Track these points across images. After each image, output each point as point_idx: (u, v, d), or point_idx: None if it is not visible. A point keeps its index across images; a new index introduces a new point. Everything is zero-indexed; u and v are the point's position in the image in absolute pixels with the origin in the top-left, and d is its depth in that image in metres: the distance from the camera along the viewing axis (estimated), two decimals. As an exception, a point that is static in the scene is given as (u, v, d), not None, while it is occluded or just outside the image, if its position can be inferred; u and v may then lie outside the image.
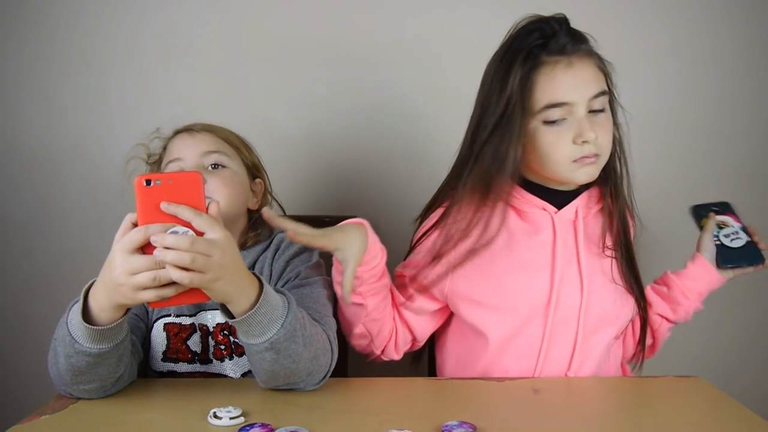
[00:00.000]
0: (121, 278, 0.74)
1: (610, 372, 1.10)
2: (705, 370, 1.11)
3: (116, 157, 1.49)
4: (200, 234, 0.75)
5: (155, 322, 1.05)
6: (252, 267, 1.07)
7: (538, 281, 1.03)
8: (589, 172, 1.00)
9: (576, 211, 1.06)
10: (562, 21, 0.97)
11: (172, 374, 1.04)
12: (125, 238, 0.75)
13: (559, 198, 1.06)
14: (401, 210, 1.54)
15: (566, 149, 0.97)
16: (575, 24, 1.00)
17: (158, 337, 1.04)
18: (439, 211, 1.08)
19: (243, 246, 1.08)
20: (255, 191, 1.13)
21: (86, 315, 0.80)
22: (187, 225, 0.75)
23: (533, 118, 0.97)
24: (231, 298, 0.80)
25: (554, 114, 0.96)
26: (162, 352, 1.04)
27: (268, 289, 0.82)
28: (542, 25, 0.97)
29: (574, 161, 0.98)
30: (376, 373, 1.03)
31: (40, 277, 1.56)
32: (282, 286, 1.02)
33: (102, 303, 0.79)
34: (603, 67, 1.02)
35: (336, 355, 0.94)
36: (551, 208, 1.06)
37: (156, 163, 1.11)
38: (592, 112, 0.98)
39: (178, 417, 0.84)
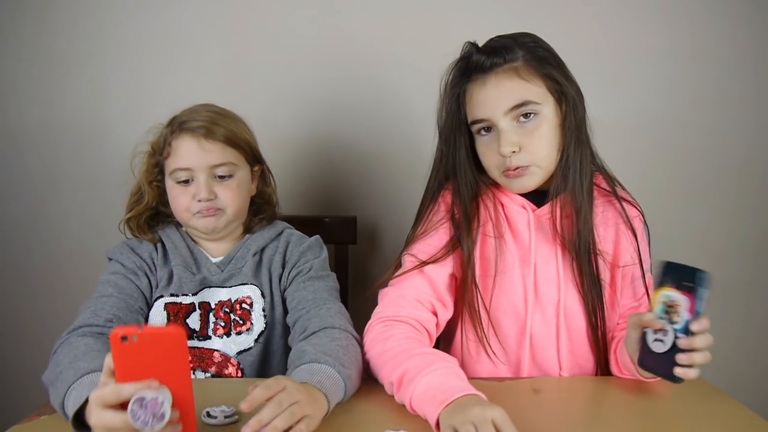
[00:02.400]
0: (97, 428, 0.72)
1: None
2: (706, 370, 1.10)
3: (116, 156, 1.50)
4: (177, 394, 0.71)
5: (156, 300, 1.07)
6: (262, 251, 1.13)
7: (515, 277, 1.06)
8: (521, 183, 1.03)
9: (554, 210, 1.05)
10: (473, 44, 1.05)
11: None
12: (99, 393, 0.70)
13: (541, 197, 1.07)
14: (400, 210, 1.54)
15: (494, 159, 1.03)
16: (574, 24, 0.99)
17: (158, 316, 1.06)
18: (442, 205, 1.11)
19: (249, 230, 1.16)
20: (254, 177, 1.16)
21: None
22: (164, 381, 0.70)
23: (472, 130, 1.05)
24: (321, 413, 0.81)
25: (480, 128, 1.03)
26: None
27: (323, 382, 0.84)
28: (463, 53, 1.06)
29: (503, 172, 1.03)
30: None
31: (40, 277, 1.56)
32: (296, 275, 1.10)
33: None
34: (534, 76, 1.00)
35: (359, 337, 1.01)
36: (531, 206, 1.07)
37: (158, 153, 1.09)
38: (521, 121, 1.00)
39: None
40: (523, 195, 1.07)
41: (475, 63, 1.02)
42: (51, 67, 1.50)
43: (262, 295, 1.10)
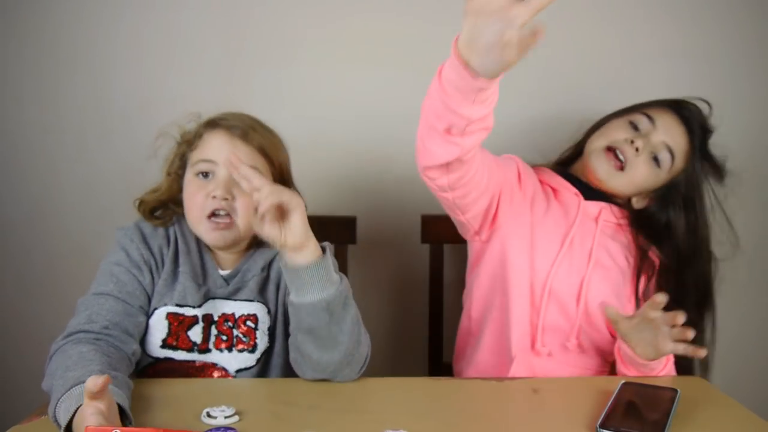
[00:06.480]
0: None
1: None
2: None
3: (116, 156, 1.50)
4: None
5: (157, 309, 1.04)
6: (269, 264, 1.10)
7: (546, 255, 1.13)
8: None
9: (600, 210, 1.17)
10: None
11: (170, 361, 1.03)
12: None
13: (588, 194, 1.19)
14: (402, 211, 1.54)
15: None
16: (576, 24, 0.99)
17: (159, 324, 1.03)
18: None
19: (260, 244, 1.11)
20: None
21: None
22: None
23: None
24: (303, 240, 0.88)
25: None
26: (162, 339, 1.03)
27: (327, 252, 0.91)
28: None
29: None
30: (376, 373, 1.03)
31: (40, 278, 1.56)
32: None
33: None
34: None
35: (370, 348, 0.99)
36: (580, 196, 1.19)
37: (186, 144, 1.07)
38: None
39: (174, 417, 0.83)
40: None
41: None
42: (51, 67, 1.50)
43: (269, 312, 1.07)
